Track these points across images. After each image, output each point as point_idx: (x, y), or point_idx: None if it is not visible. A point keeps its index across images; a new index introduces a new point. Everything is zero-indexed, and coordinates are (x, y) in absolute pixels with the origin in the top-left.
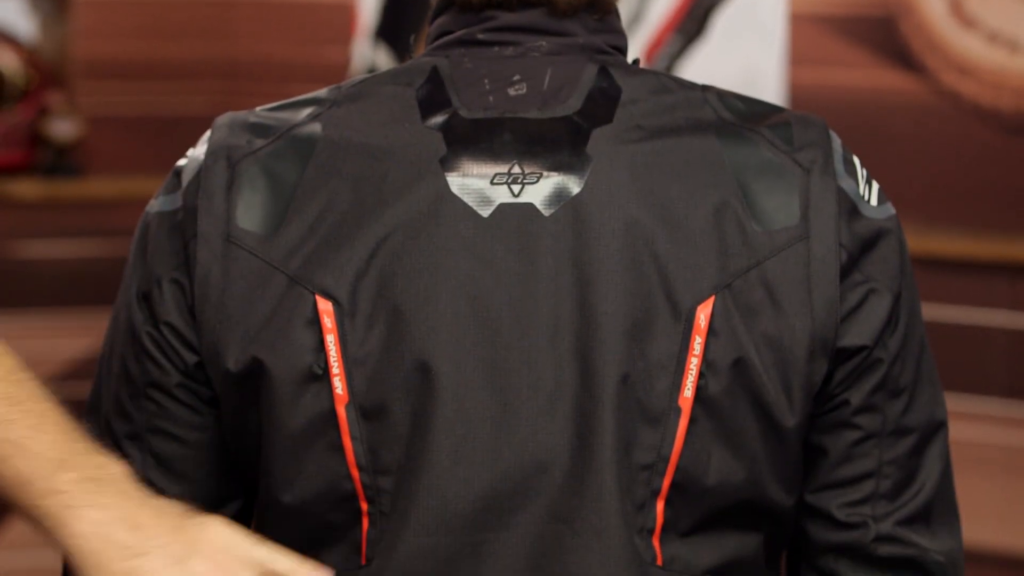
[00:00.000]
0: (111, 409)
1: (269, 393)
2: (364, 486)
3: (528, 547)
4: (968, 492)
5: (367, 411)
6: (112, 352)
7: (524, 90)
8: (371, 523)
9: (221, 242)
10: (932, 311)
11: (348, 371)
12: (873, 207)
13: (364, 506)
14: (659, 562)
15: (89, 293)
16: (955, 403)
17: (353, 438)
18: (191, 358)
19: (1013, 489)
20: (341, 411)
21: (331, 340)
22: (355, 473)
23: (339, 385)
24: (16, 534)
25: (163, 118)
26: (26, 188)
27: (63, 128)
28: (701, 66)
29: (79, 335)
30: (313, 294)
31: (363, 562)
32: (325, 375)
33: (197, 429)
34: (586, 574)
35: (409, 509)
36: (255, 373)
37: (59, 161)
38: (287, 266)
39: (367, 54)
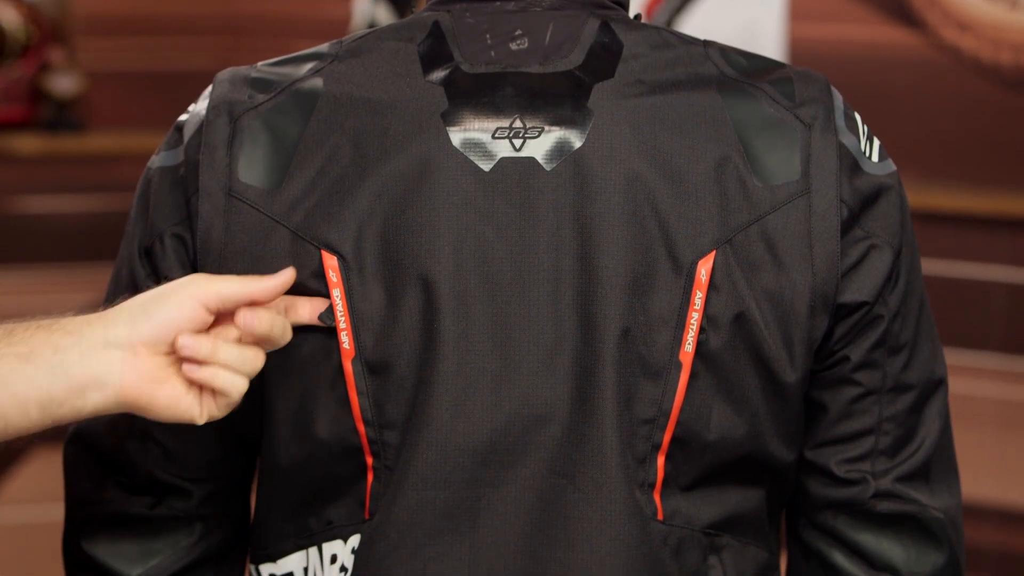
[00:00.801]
0: None
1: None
2: (370, 440)
3: (528, 501)
4: (966, 447)
5: (373, 366)
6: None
7: (526, 44)
8: (375, 477)
9: (223, 196)
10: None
11: (355, 326)
12: (874, 163)
13: (369, 460)
14: (660, 516)
15: (90, 248)
16: (954, 358)
17: (360, 393)
18: None
19: (1011, 443)
20: (348, 366)
21: (337, 295)
22: (361, 427)
23: (346, 340)
24: (15, 490)
25: (164, 73)
26: (27, 143)
27: (64, 83)
28: (701, 21)
29: (80, 290)
30: (319, 249)
31: (367, 516)
32: (332, 330)
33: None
34: (586, 528)
35: (410, 463)
36: None
37: (60, 116)
38: (289, 220)
39: (368, 9)
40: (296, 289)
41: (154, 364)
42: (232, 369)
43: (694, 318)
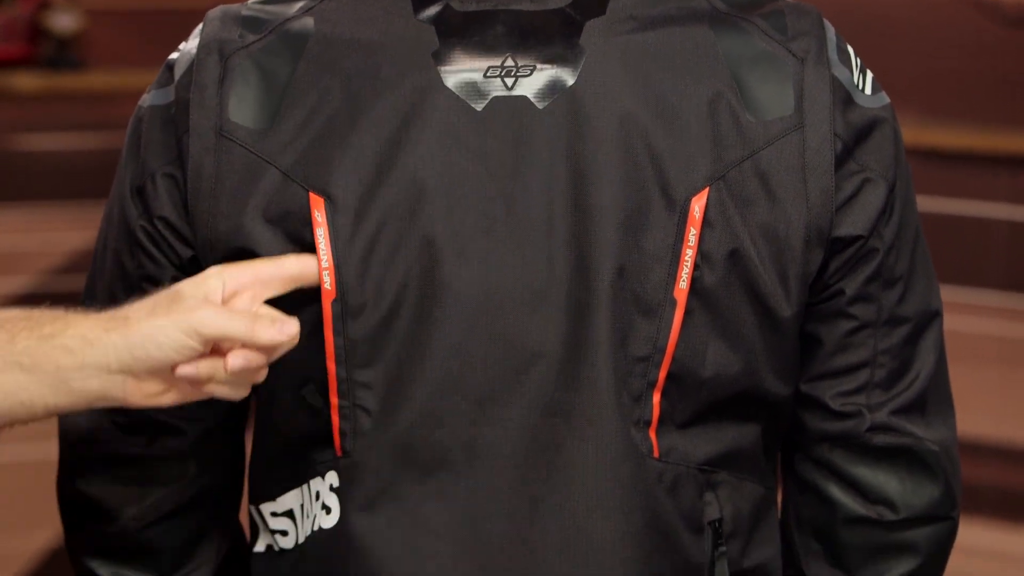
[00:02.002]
0: (106, 302)
1: None
2: (339, 380)
3: (522, 441)
4: (967, 385)
5: (353, 308)
6: (106, 247)
7: None
8: (342, 416)
9: (213, 135)
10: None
11: (337, 267)
12: (867, 96)
13: (334, 400)
14: (656, 454)
15: (89, 185)
16: (954, 295)
17: (336, 333)
18: (185, 252)
19: (1011, 380)
20: (327, 306)
21: (321, 234)
22: (332, 367)
23: (327, 280)
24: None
25: (164, 11)
26: (27, 81)
27: (64, 21)
28: None
29: (79, 227)
30: (306, 190)
31: (338, 453)
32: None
33: None
34: (582, 467)
35: (400, 404)
36: None
37: (60, 54)
38: (280, 161)
39: None
40: (281, 230)
41: (155, 382)
42: (231, 384)
43: (688, 255)
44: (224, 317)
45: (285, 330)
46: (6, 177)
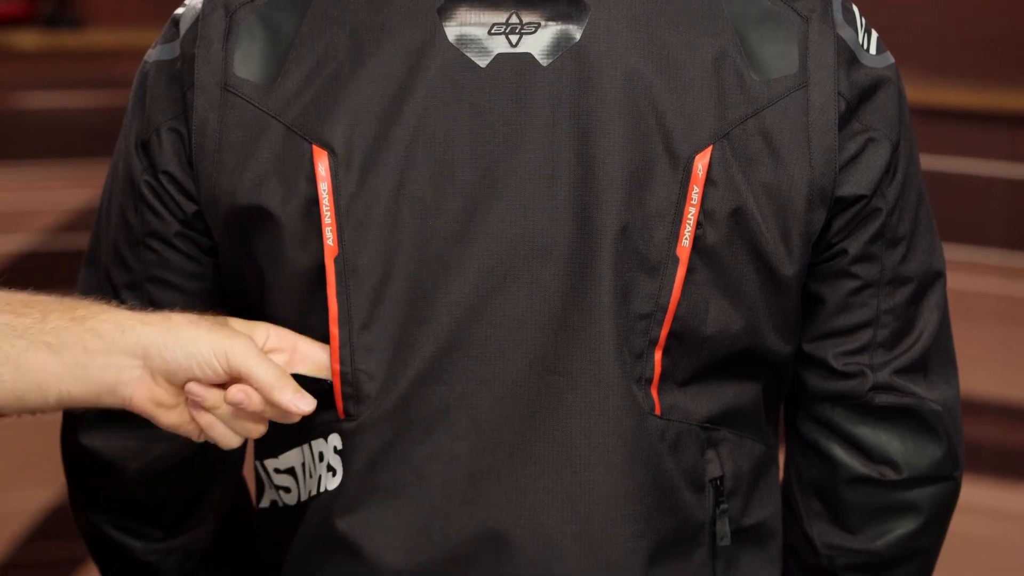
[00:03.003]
0: (110, 259)
1: (265, 243)
2: (341, 344)
3: (523, 398)
4: (967, 342)
5: (356, 264)
6: (111, 202)
7: None
8: (344, 381)
9: (218, 91)
10: (931, 162)
11: (339, 223)
12: (872, 56)
13: (336, 366)
14: (657, 411)
15: (89, 144)
16: (954, 254)
17: (338, 293)
18: (189, 207)
19: (1011, 339)
20: (329, 263)
21: (324, 189)
22: (334, 330)
23: (330, 236)
24: None
25: None
26: (27, 39)
27: None
28: None
29: (79, 186)
30: (310, 144)
31: (341, 416)
32: (317, 226)
33: (196, 278)
34: (583, 424)
35: (401, 364)
36: (253, 222)
37: (60, 12)
38: (284, 116)
39: None
40: (286, 185)
41: (166, 391)
42: (227, 425)
43: (691, 213)
44: (257, 358)
45: (300, 404)
46: (6, 136)
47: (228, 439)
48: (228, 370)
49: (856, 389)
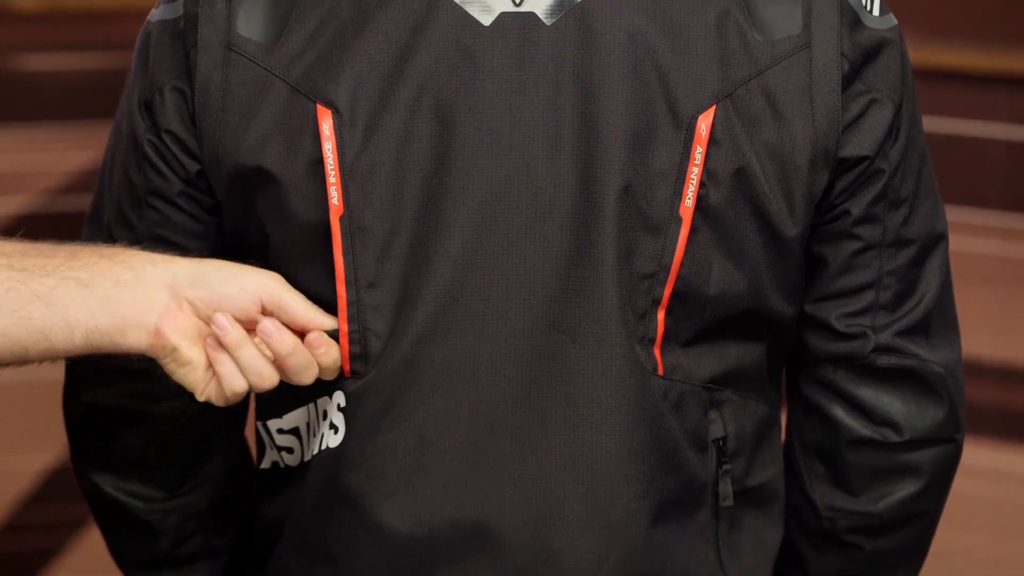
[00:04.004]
0: (113, 218)
1: (268, 202)
2: (348, 303)
3: (527, 356)
4: (966, 304)
5: (361, 223)
6: (114, 161)
7: None
8: (351, 341)
9: (222, 50)
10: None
11: (344, 182)
12: (875, 17)
13: (344, 326)
14: (660, 371)
15: (91, 106)
16: (953, 215)
17: (344, 252)
18: (192, 166)
19: (1011, 301)
20: (335, 222)
21: (328, 148)
22: (341, 289)
23: (335, 195)
24: None
25: None
26: (27, 1)
27: None
28: None
29: (81, 148)
30: (314, 103)
31: (347, 373)
32: (322, 185)
33: (198, 238)
34: (586, 383)
35: (406, 323)
36: (256, 181)
37: None
38: (288, 75)
39: None
40: (290, 145)
41: (189, 324)
42: (242, 370)
43: (694, 173)
44: (292, 291)
45: (335, 323)
46: (7, 98)
47: (233, 382)
48: (265, 301)
49: (858, 351)
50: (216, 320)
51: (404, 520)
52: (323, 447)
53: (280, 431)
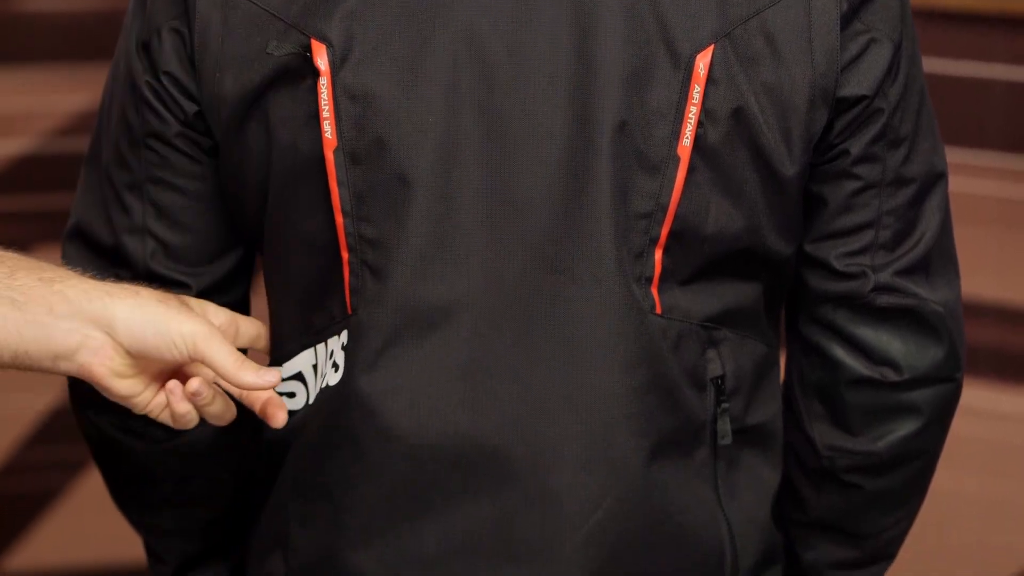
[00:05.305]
0: (111, 159)
1: (267, 139)
2: (347, 233)
3: (524, 295)
4: (965, 245)
5: (356, 156)
6: (112, 102)
7: None
8: (352, 272)
9: None
10: (931, 65)
11: (338, 115)
12: None
13: (345, 255)
14: (658, 310)
15: (89, 47)
16: (953, 156)
17: (340, 183)
18: (191, 107)
19: (1011, 242)
20: (329, 155)
21: (324, 83)
22: (339, 219)
23: (328, 129)
24: None
25: None
26: None
27: None
28: None
29: (79, 89)
30: (309, 37)
31: (348, 311)
32: (316, 118)
33: (197, 179)
34: (584, 323)
35: (401, 259)
36: (254, 121)
37: None
38: (286, 14)
39: None
40: (287, 82)
41: (123, 363)
42: (205, 415)
43: (692, 112)
44: (220, 344)
45: (265, 377)
46: (6, 38)
47: (190, 424)
48: (193, 354)
49: (858, 290)
50: (194, 388)
51: (401, 458)
52: (324, 385)
53: (283, 378)
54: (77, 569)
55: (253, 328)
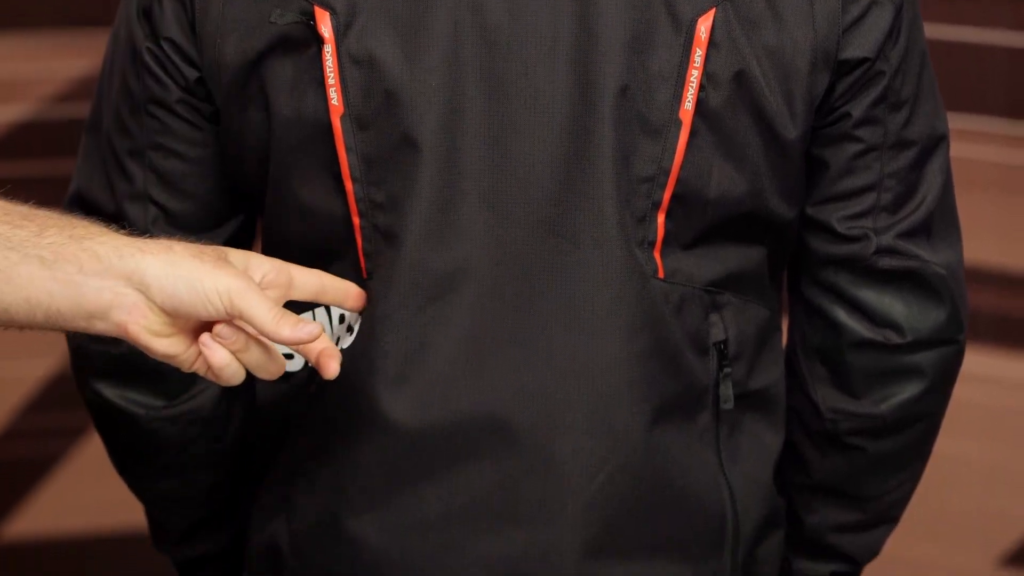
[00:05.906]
0: (112, 126)
1: (267, 106)
2: (357, 199)
3: (527, 260)
4: (967, 211)
5: (363, 121)
6: (113, 69)
7: None
8: (364, 236)
9: None
10: (932, 30)
11: (344, 81)
12: None
13: (356, 220)
14: (660, 274)
15: (90, 12)
16: (954, 121)
17: (348, 149)
18: (192, 73)
19: (1012, 208)
20: (336, 122)
21: (328, 50)
22: (349, 185)
23: (334, 96)
24: None
25: None
26: None
27: None
28: None
29: (80, 55)
30: (312, 4)
31: (364, 275)
32: (321, 85)
33: (198, 145)
34: (586, 287)
35: (407, 223)
36: (255, 87)
37: None
38: None
39: None
40: (289, 49)
41: (159, 321)
42: (247, 365)
43: (694, 76)
44: (258, 298)
45: (305, 330)
46: (5, 4)
47: (234, 376)
48: (230, 310)
49: (860, 252)
50: (220, 330)
51: (404, 416)
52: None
53: None
54: (77, 535)
55: (313, 278)
